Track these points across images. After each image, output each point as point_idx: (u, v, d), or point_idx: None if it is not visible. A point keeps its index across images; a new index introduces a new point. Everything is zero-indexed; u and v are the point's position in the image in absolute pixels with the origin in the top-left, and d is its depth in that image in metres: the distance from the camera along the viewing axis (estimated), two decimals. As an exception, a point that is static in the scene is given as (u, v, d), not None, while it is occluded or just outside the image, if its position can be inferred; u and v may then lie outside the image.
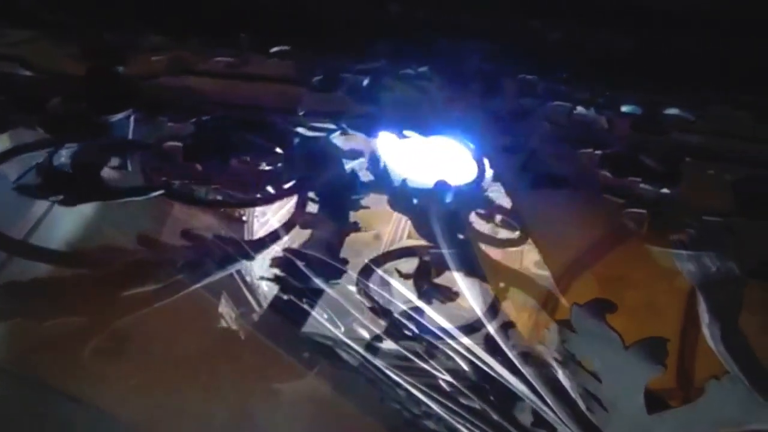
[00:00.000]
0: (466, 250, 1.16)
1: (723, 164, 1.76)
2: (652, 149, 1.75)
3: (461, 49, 2.29)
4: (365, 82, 2.01)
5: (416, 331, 1.13)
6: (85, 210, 1.52)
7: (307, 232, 1.27)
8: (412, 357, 1.01)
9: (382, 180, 1.28)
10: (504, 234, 1.38)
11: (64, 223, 1.53)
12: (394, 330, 0.94)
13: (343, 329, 0.99)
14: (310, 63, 2.07)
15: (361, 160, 1.33)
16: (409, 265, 1.18)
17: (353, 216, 1.27)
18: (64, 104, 1.65)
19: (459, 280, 1.13)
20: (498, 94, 2.07)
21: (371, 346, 0.93)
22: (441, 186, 1.32)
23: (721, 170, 1.76)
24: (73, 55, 2.05)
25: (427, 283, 1.04)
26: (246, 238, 1.87)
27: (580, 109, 2.14)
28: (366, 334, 1.01)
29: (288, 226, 1.23)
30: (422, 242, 1.26)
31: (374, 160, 1.32)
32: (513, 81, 2.34)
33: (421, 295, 1.02)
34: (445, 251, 1.12)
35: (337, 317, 1.08)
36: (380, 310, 0.99)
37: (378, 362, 1.01)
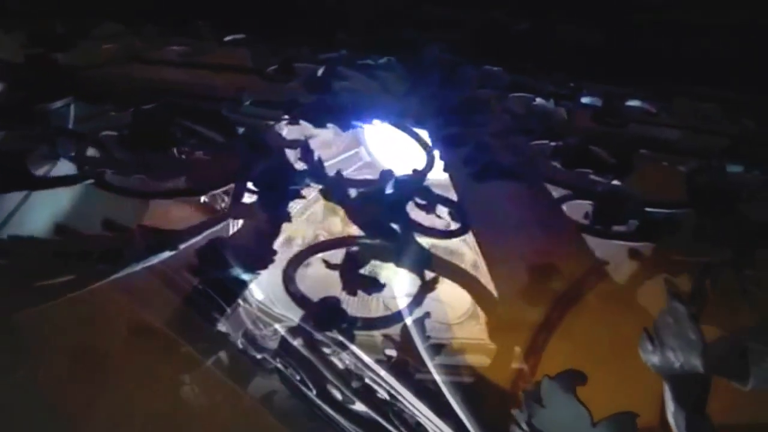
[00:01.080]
0: (401, 241, 1.13)
1: (679, 156, 1.75)
2: (607, 141, 1.73)
3: (423, 39, 2.26)
4: (320, 72, 1.98)
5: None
6: (62, 202, 1.47)
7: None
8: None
9: (315, 170, 1.24)
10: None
11: (38, 216, 1.47)
12: (313, 324, 0.90)
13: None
14: (265, 52, 2.04)
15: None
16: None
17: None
18: (6, 92, 1.60)
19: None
20: (457, 85, 2.04)
21: (284, 343, 0.88)
22: (384, 176, 1.29)
23: (675, 162, 1.74)
24: (23, 42, 2.00)
25: (353, 273, 1.01)
26: (229, 232, 1.84)
27: (539, 100, 2.12)
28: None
29: (221, 217, 1.19)
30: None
31: (307, 151, 1.29)
32: (474, 72, 2.32)
33: (346, 285, 0.99)
34: (377, 242, 1.09)
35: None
36: (304, 303, 0.95)
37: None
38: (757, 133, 2.08)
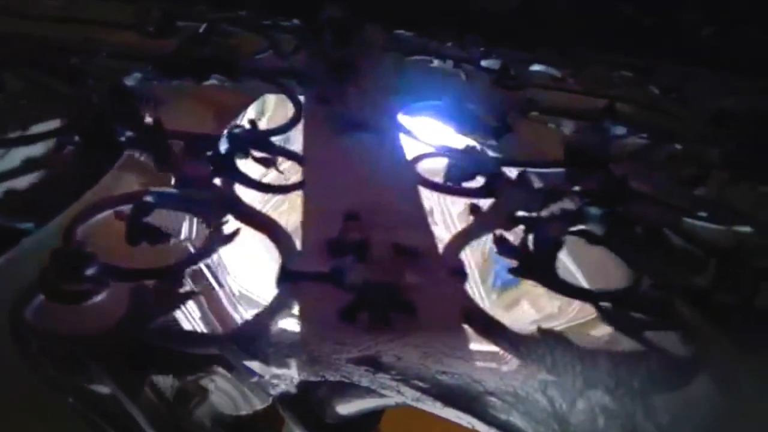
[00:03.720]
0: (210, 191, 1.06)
1: (563, 118, 1.70)
2: (489, 101, 1.67)
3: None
4: (201, 29, 1.88)
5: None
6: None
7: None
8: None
9: (130, 118, 1.16)
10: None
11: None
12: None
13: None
14: (147, 8, 1.94)
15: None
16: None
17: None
18: None
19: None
20: (352, 45, 1.96)
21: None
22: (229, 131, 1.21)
23: (560, 124, 1.69)
24: None
25: (137, 223, 0.93)
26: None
27: (437, 62, 2.05)
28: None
29: (29, 166, 1.11)
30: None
31: (120, 95, 1.20)
32: (379, 33, 2.24)
33: (129, 236, 0.92)
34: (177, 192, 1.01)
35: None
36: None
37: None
38: (659, 99, 2.04)
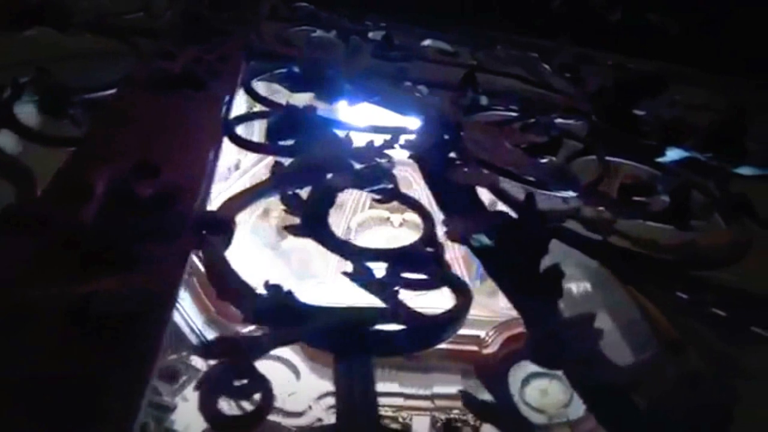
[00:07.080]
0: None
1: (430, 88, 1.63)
2: (355, 70, 1.60)
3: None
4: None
5: None
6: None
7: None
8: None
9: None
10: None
11: None
12: None
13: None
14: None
15: None
16: None
17: None
18: None
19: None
20: (225, 11, 1.88)
21: None
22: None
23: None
24: None
25: None
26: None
27: (320, 32, 1.97)
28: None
29: None
30: None
31: None
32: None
33: None
34: None
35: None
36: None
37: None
38: (549, 77, 1.99)
